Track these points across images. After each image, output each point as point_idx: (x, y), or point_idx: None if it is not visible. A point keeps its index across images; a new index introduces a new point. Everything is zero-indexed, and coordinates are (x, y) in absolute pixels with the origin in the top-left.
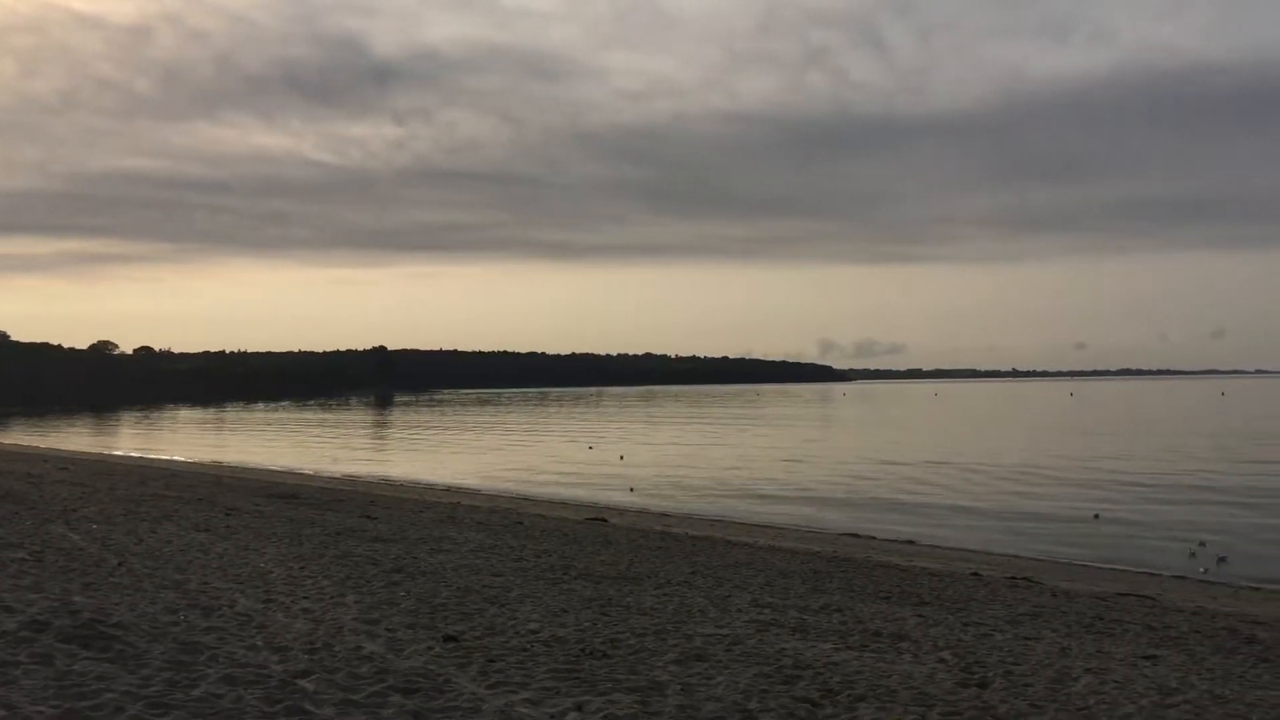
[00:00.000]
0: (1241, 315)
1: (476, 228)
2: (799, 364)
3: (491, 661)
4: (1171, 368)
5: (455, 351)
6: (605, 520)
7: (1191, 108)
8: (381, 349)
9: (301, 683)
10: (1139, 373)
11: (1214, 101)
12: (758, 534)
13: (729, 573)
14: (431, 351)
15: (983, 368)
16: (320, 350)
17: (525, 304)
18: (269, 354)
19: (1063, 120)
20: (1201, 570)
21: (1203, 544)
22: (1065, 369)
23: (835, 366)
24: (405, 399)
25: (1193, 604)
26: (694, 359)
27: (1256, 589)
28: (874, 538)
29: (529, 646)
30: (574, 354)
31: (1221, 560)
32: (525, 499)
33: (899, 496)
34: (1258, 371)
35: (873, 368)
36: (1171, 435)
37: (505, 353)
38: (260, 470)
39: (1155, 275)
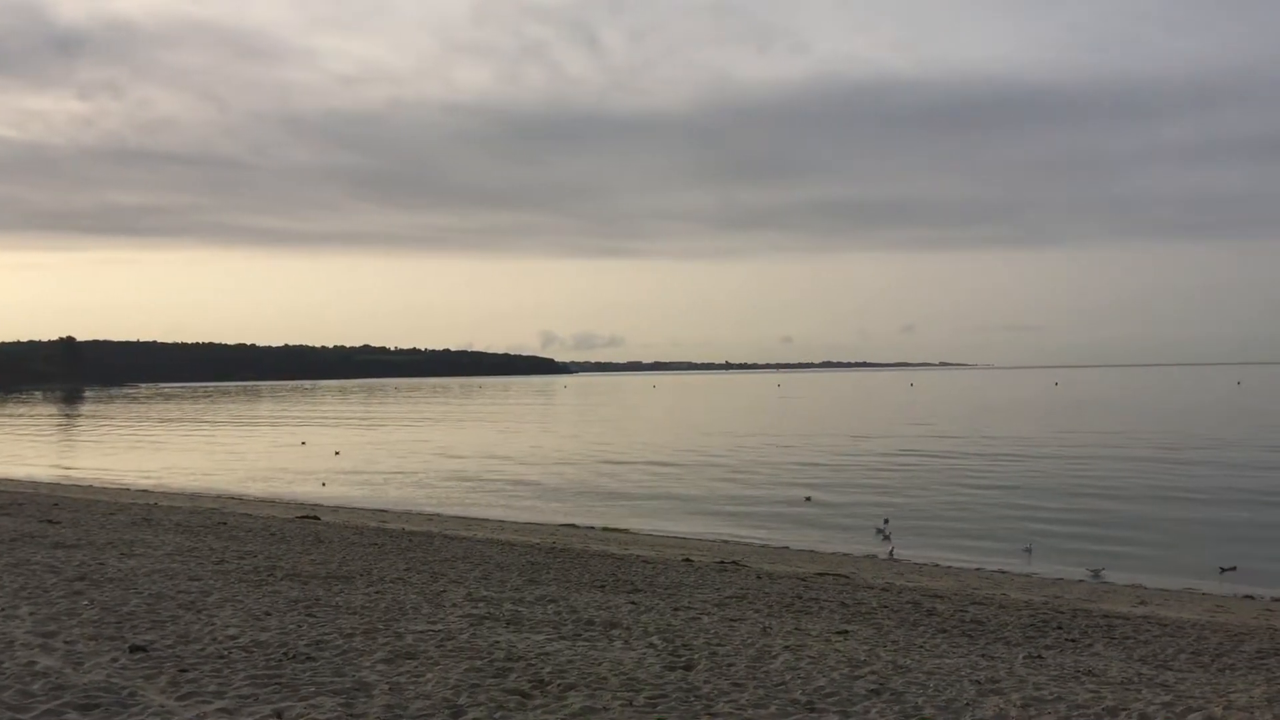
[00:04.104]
0: (927, 312)
1: (174, 211)
2: (520, 356)
3: (184, 671)
4: (868, 360)
5: (155, 343)
6: (317, 518)
7: (882, 117)
8: (69, 340)
9: None
10: (839, 365)
11: (902, 112)
12: (476, 527)
13: (445, 567)
14: (127, 343)
15: (698, 360)
16: None
17: (232, 293)
18: None
19: (767, 124)
20: (889, 551)
21: (887, 521)
22: (773, 361)
23: (556, 359)
24: (97, 393)
25: (882, 581)
26: (414, 351)
27: (937, 565)
28: (592, 528)
29: (226, 653)
30: (287, 346)
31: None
32: (231, 497)
33: (616, 487)
34: (942, 364)
35: (593, 360)
36: (869, 423)
37: (211, 344)
38: None
39: (853, 273)
